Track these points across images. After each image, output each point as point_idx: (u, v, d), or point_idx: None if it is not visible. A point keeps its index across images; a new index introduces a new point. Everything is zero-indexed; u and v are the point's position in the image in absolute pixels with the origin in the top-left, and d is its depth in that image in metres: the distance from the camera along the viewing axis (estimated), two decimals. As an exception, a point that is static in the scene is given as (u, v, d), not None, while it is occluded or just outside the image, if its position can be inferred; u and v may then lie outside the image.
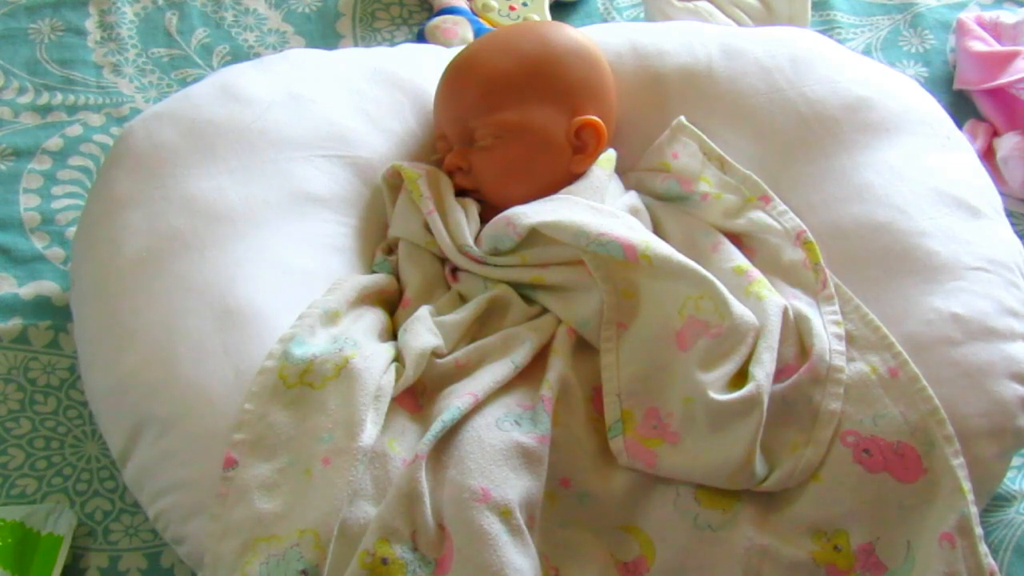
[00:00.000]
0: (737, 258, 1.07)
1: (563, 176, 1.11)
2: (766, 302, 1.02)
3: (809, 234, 1.07)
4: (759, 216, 1.09)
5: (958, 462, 0.96)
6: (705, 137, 1.15)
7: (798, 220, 1.08)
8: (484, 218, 1.11)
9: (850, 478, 0.96)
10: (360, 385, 0.96)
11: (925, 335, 1.01)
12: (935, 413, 0.97)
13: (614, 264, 1.03)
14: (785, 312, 1.02)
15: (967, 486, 0.95)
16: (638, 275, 1.03)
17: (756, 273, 1.05)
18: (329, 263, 1.08)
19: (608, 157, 1.14)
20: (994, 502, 1.08)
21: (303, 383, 0.97)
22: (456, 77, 1.15)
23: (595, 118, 1.12)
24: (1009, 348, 1.02)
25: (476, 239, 1.09)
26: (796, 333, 1.02)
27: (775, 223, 1.08)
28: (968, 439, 0.98)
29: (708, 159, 1.14)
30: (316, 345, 0.99)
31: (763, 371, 0.97)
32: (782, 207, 1.09)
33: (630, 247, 1.02)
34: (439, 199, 1.10)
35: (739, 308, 1.00)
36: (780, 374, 0.99)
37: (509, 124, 1.11)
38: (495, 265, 1.07)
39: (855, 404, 0.98)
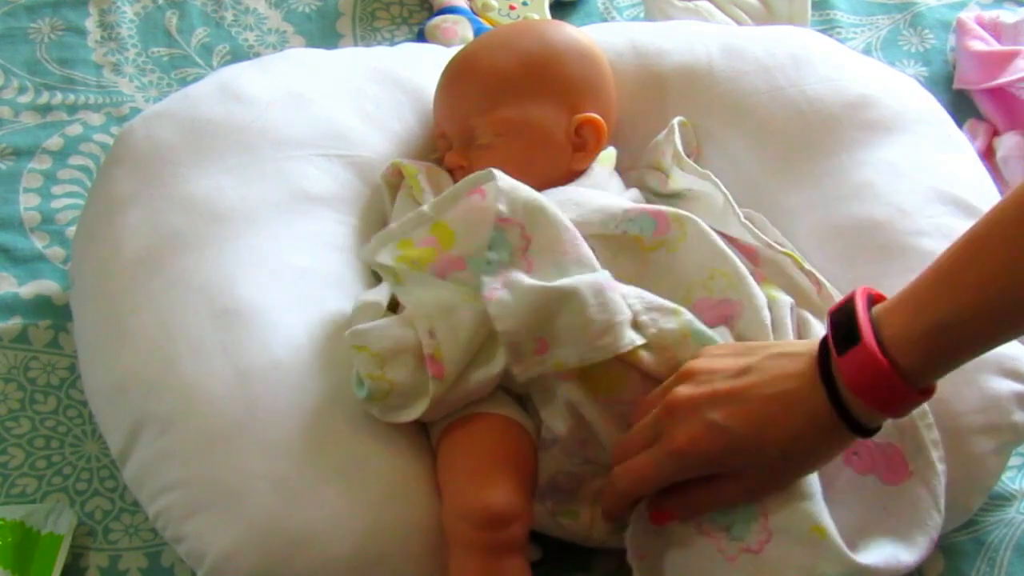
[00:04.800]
0: (738, 257, 1.07)
1: (563, 174, 1.11)
2: (777, 302, 1.02)
3: (777, 247, 1.06)
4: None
5: (942, 467, 0.96)
6: (694, 138, 1.16)
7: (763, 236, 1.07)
8: (486, 218, 1.11)
9: (839, 480, 0.96)
10: None
11: None
12: (924, 417, 0.97)
13: (635, 247, 1.03)
14: (792, 310, 1.02)
15: (942, 501, 0.95)
16: (657, 256, 1.03)
17: (759, 274, 1.05)
18: (329, 262, 1.08)
19: (608, 155, 1.14)
20: (994, 501, 1.08)
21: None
22: (456, 75, 1.15)
23: (595, 116, 1.12)
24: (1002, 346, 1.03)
25: None
26: (798, 335, 1.02)
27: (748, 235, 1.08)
28: (964, 436, 0.99)
29: (674, 159, 1.13)
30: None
31: None
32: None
33: (659, 214, 1.02)
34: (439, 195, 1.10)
35: (757, 290, 1.00)
36: None
37: (509, 122, 1.11)
38: None
39: None
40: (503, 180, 0.98)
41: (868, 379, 0.84)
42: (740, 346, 0.95)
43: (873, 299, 0.87)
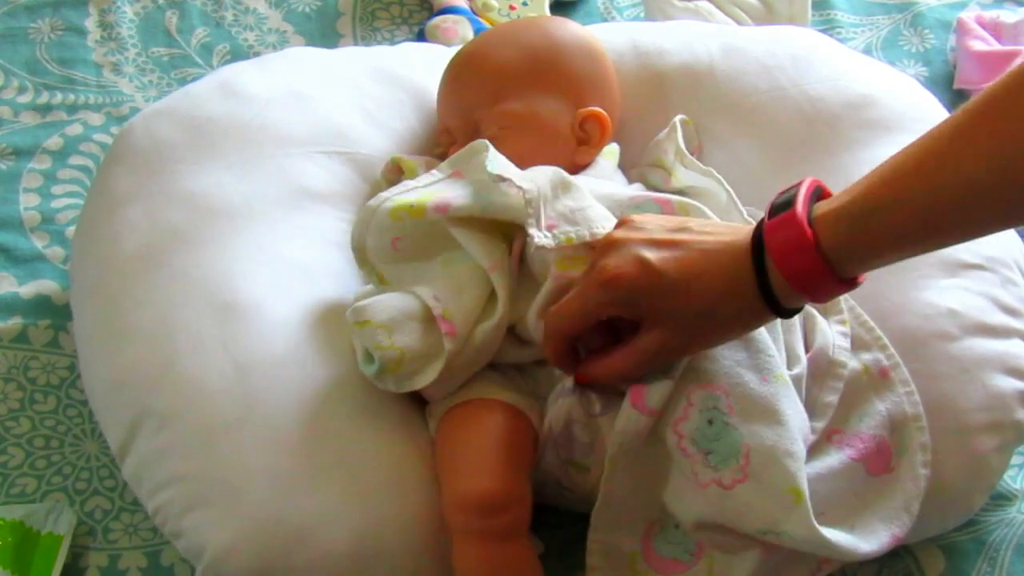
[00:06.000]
0: None
1: (568, 167, 1.10)
2: None
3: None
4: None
5: (925, 472, 0.96)
6: (696, 136, 1.16)
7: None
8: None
9: (831, 459, 0.95)
10: None
11: (922, 329, 1.02)
12: (917, 419, 0.97)
13: None
14: None
15: (916, 505, 0.95)
16: None
17: None
18: (328, 258, 1.07)
19: (612, 150, 1.14)
20: (995, 501, 1.08)
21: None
22: (461, 69, 1.15)
23: (599, 110, 1.12)
24: (1005, 344, 1.03)
25: None
26: (805, 331, 1.01)
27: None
28: (967, 434, 0.99)
29: (676, 157, 1.13)
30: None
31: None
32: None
33: (663, 201, 1.03)
34: None
35: None
36: None
37: (514, 115, 1.11)
38: None
39: (845, 401, 0.98)
40: (492, 153, 1.00)
41: (789, 246, 0.84)
42: (681, 218, 0.96)
43: (822, 192, 0.88)
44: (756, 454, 0.89)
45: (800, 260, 0.84)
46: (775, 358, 0.93)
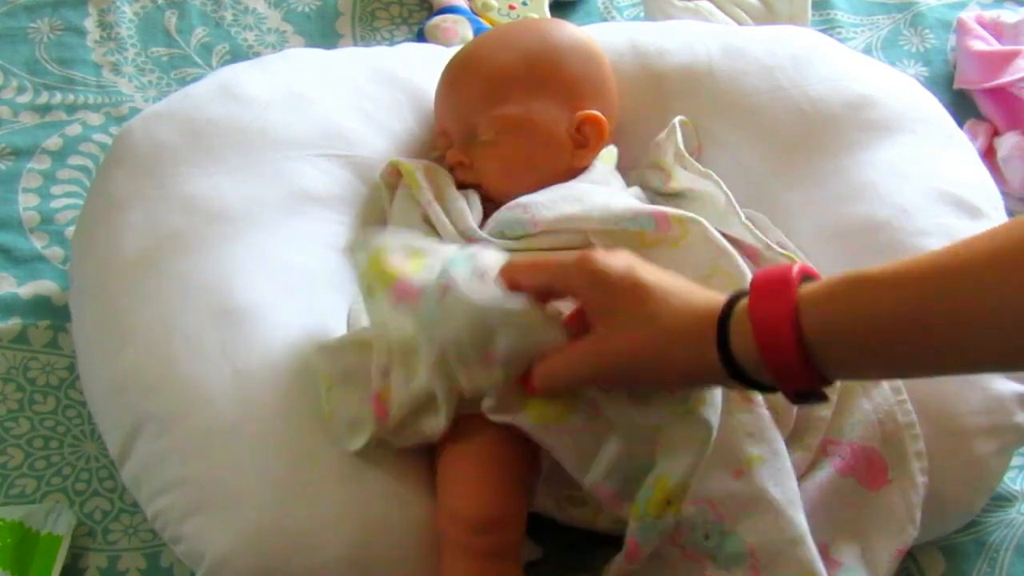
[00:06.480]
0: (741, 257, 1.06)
1: (565, 171, 1.11)
2: None
3: (777, 248, 1.05)
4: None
5: (923, 480, 0.96)
6: (695, 136, 1.16)
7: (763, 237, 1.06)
8: (485, 213, 1.10)
9: (822, 481, 0.96)
10: None
11: None
12: (911, 427, 0.97)
13: (635, 242, 1.02)
14: None
15: (918, 514, 0.95)
16: (658, 252, 1.02)
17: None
18: (328, 262, 1.07)
19: (609, 153, 1.14)
20: (994, 502, 1.08)
21: None
22: (458, 73, 1.15)
23: (596, 113, 1.12)
24: None
25: (480, 227, 1.08)
26: None
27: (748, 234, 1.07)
28: (966, 437, 0.99)
29: (675, 158, 1.13)
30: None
31: None
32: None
33: (660, 215, 1.02)
34: (438, 191, 1.10)
35: None
36: None
37: (511, 119, 1.11)
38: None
39: (837, 409, 0.98)
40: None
41: (767, 302, 0.79)
42: None
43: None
44: (763, 551, 0.89)
45: (776, 307, 0.78)
46: (738, 442, 0.92)
